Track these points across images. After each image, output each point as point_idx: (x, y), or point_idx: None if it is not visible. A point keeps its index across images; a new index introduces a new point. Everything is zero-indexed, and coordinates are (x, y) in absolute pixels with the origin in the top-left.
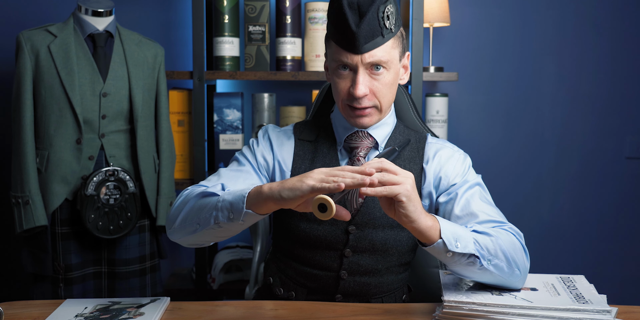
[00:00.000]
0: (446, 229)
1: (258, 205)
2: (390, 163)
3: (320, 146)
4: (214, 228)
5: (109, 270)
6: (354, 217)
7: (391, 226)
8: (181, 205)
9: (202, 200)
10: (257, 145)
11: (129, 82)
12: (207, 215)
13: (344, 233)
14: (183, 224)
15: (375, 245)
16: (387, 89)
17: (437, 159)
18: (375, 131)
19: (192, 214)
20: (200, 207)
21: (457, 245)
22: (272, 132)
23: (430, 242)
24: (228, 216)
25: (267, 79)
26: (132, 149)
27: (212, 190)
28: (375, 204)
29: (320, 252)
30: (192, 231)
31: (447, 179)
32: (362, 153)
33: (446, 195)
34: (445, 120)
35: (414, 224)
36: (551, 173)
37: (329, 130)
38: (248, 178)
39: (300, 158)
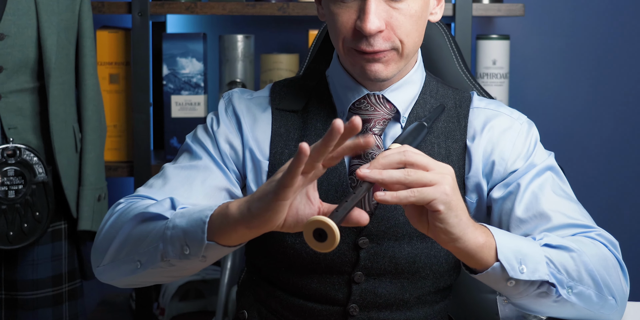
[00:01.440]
0: (505, 246)
1: (225, 233)
2: (418, 152)
3: (312, 119)
4: (163, 266)
5: (7, 296)
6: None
7: (422, 236)
8: (111, 230)
9: (142, 227)
10: (218, 126)
11: (37, 19)
12: (150, 249)
13: (353, 248)
14: (116, 260)
15: (400, 265)
16: (412, 23)
17: (489, 132)
18: (395, 94)
19: (129, 246)
20: (140, 237)
21: (522, 270)
22: (238, 102)
23: (483, 268)
24: (181, 250)
25: (242, 13)
26: (41, 118)
27: (157, 209)
28: (397, 207)
29: (319, 277)
30: (130, 271)
31: (504, 162)
32: (377, 129)
33: (503, 188)
34: (505, 74)
35: (457, 243)
36: None
37: (325, 95)
38: (208, 178)
39: (282, 138)
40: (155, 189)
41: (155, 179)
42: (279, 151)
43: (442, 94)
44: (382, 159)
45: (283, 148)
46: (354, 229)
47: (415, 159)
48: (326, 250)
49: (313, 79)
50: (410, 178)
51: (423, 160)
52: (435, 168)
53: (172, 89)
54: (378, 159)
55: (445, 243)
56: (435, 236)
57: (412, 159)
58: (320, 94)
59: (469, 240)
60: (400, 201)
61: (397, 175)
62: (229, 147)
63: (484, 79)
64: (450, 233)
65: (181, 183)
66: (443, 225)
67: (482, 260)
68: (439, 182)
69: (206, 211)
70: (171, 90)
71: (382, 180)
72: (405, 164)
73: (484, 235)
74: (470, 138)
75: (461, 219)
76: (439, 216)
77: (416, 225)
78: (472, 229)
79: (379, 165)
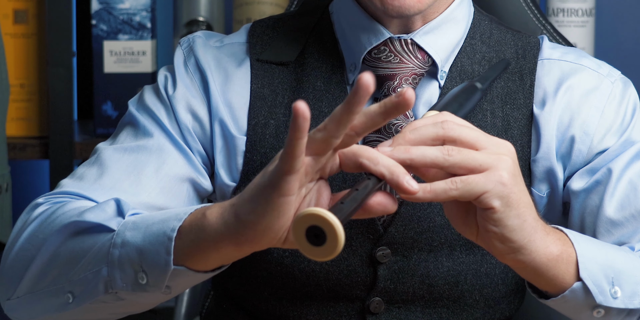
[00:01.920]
0: (590, 259)
1: (200, 252)
2: (463, 123)
3: (309, 75)
4: (107, 301)
5: None
6: (388, 227)
7: (468, 245)
8: (28, 247)
9: (76, 243)
10: (174, 87)
11: None
12: (88, 275)
13: (368, 263)
14: (36, 290)
15: (436, 288)
16: None
17: (566, 94)
18: (430, 38)
19: (56, 270)
20: (73, 258)
21: (614, 293)
22: (203, 52)
23: (557, 290)
24: (135, 279)
25: None
26: None
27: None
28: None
29: (319, 305)
30: (57, 307)
31: (589, 139)
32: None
33: (587, 176)
34: (589, 10)
35: (520, 255)
36: None
37: (328, 40)
38: (164, 165)
39: (266, 103)
40: (88, 182)
41: (88, 166)
42: (262, 122)
43: (498, 39)
44: (410, 133)
45: (267, 117)
46: (369, 236)
47: (458, 133)
48: (324, 257)
49: (311, 16)
50: (451, 159)
51: (470, 135)
52: (488, 146)
53: (104, 31)
54: (404, 132)
55: (503, 255)
56: (488, 245)
57: (455, 132)
58: (320, 39)
59: (537, 251)
60: (437, 197)
61: (432, 153)
62: (192, 117)
63: (558, 17)
64: (510, 240)
65: (125, 173)
66: (499, 229)
67: (557, 279)
68: (492, 166)
69: (171, 222)
70: (104, 33)
71: (411, 161)
72: (444, 139)
73: (559, 244)
74: (538, 103)
75: (525, 219)
76: (493, 216)
77: (460, 229)
78: (541, 235)
79: (405, 141)
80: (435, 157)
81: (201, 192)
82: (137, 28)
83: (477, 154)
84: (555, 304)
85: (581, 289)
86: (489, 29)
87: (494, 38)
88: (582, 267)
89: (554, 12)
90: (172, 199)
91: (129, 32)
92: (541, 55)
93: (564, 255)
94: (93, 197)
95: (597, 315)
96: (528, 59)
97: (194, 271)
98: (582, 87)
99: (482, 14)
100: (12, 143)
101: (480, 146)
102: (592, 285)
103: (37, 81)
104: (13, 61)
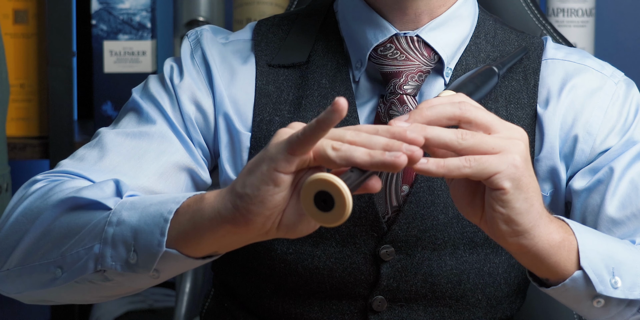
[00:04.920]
0: (591, 248)
1: (195, 236)
2: (479, 106)
3: (314, 73)
4: (95, 280)
5: None
6: (391, 225)
7: (471, 244)
8: (22, 220)
9: (71, 218)
10: (180, 77)
11: None
12: (80, 251)
13: (372, 262)
14: (26, 263)
15: (439, 286)
16: None
17: (569, 94)
18: (437, 35)
19: (48, 244)
20: (67, 233)
21: (614, 283)
22: (210, 46)
23: (558, 278)
24: (125, 258)
25: None
26: None
27: (94, 194)
28: (439, 197)
29: (321, 303)
30: (45, 282)
31: (591, 138)
32: (410, 87)
33: (589, 175)
34: (589, 10)
35: (524, 239)
36: None
37: (333, 38)
38: (165, 152)
39: (271, 100)
40: (88, 164)
41: (89, 148)
42: (266, 119)
43: (503, 39)
44: (427, 110)
45: (272, 114)
46: (373, 234)
47: (475, 115)
48: (332, 223)
49: (317, 16)
50: (465, 143)
51: (486, 118)
52: (502, 130)
53: (104, 31)
54: (422, 108)
55: (506, 237)
56: (492, 227)
57: (471, 114)
58: (326, 38)
59: (540, 236)
60: (450, 173)
61: (447, 136)
62: (196, 109)
63: (558, 17)
64: (516, 222)
65: (126, 157)
66: (506, 210)
67: (558, 266)
68: (505, 149)
69: (169, 204)
70: (104, 33)
71: (426, 141)
72: (459, 120)
73: (562, 231)
74: (542, 103)
75: (532, 204)
76: (502, 197)
77: (465, 211)
78: (545, 221)
79: (421, 117)
80: (450, 139)
81: (199, 184)
82: (137, 28)
83: (490, 138)
84: (555, 292)
85: (582, 278)
86: (494, 29)
87: (498, 38)
88: (583, 255)
89: (554, 12)
90: (170, 186)
91: (129, 32)
92: (545, 55)
93: (566, 243)
94: (92, 178)
95: (597, 305)
96: (532, 59)
97: (185, 256)
98: (586, 87)
99: (486, 14)
100: (12, 143)
101: (494, 130)
102: (593, 275)
103: (37, 81)
104: (13, 61)
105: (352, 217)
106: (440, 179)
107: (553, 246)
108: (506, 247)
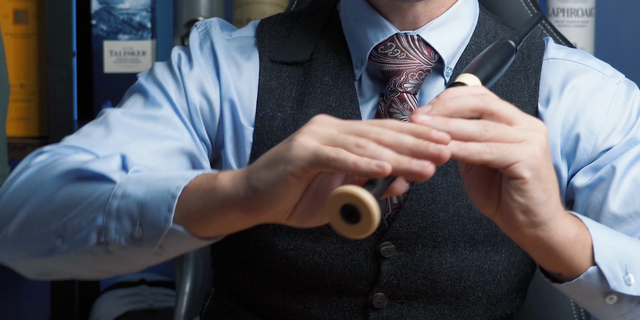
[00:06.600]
0: (604, 244)
1: (204, 216)
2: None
3: (317, 70)
4: (96, 253)
5: None
6: (392, 222)
7: (471, 242)
8: (24, 188)
9: (75, 188)
10: (190, 66)
11: None
12: (82, 222)
13: (372, 258)
14: (25, 230)
15: (439, 284)
16: None
17: (571, 93)
18: (437, 34)
19: (50, 213)
20: (70, 203)
21: (627, 280)
22: (218, 39)
23: (572, 273)
24: (130, 232)
25: None
26: None
27: (100, 167)
28: (439, 194)
29: (321, 299)
30: (44, 251)
31: (593, 137)
32: (410, 85)
33: (591, 173)
34: (589, 10)
35: (541, 231)
36: None
37: (336, 37)
38: (170, 136)
39: (274, 96)
40: (95, 140)
41: (94, 125)
42: (269, 114)
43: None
44: (450, 101)
45: (275, 110)
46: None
47: (497, 107)
48: (360, 235)
49: (321, 15)
50: (488, 134)
51: (508, 110)
52: (523, 122)
53: (104, 31)
54: (444, 99)
55: (523, 229)
56: (509, 218)
57: (494, 106)
58: (330, 37)
59: (557, 229)
60: (470, 156)
61: (470, 128)
62: (202, 99)
63: (558, 17)
64: (534, 213)
65: (131, 136)
66: (525, 200)
67: (572, 261)
68: (527, 139)
69: (178, 181)
70: (104, 33)
71: (449, 133)
72: (482, 112)
73: (576, 226)
74: (543, 101)
75: (550, 195)
76: (521, 186)
77: (479, 202)
78: (562, 214)
79: (444, 108)
80: (473, 131)
81: None
82: (137, 28)
83: (512, 129)
84: (569, 288)
85: (596, 274)
86: (494, 29)
87: (499, 37)
88: (597, 251)
89: (554, 12)
90: (173, 168)
91: (129, 32)
92: (546, 55)
93: (580, 238)
94: (98, 153)
95: (610, 302)
96: (533, 59)
97: (191, 234)
98: (588, 86)
99: (487, 14)
100: (12, 143)
101: (515, 122)
102: (607, 271)
103: (37, 81)
104: (13, 61)
105: None
106: (441, 177)
107: (569, 240)
108: (522, 239)
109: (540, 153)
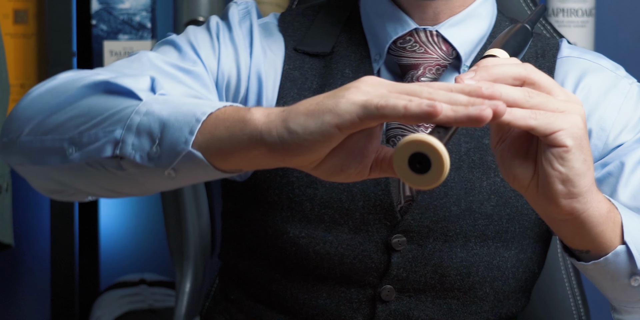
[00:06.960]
0: (633, 225)
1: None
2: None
3: (338, 63)
4: (108, 167)
5: None
6: (404, 214)
7: (481, 237)
8: (48, 95)
9: (100, 100)
10: (230, 35)
11: None
12: (100, 132)
13: (383, 250)
14: (40, 132)
15: (448, 278)
16: None
17: (584, 90)
18: (455, 31)
19: (69, 119)
20: (92, 112)
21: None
22: (255, 22)
23: (601, 251)
24: (148, 151)
25: None
26: None
27: (129, 83)
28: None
29: (330, 290)
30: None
31: (605, 134)
32: (428, 79)
33: (600, 168)
34: (589, 10)
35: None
36: None
37: (356, 31)
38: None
39: (295, 85)
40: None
41: (126, 62)
42: (289, 102)
43: None
44: (494, 68)
45: (295, 98)
46: (386, 222)
47: (539, 77)
48: (429, 186)
49: (343, 9)
50: (532, 101)
51: (549, 82)
52: (561, 94)
53: (104, 31)
54: (487, 66)
55: (559, 199)
56: (547, 188)
57: (536, 76)
58: (351, 30)
59: (592, 202)
60: (515, 121)
61: (515, 93)
62: (234, 69)
63: (558, 17)
64: (573, 183)
65: (163, 76)
66: (566, 169)
67: (603, 237)
68: (568, 109)
69: (205, 107)
70: (104, 33)
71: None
72: (524, 81)
73: (609, 203)
74: None
75: (589, 167)
76: (563, 155)
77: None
78: (596, 189)
79: (488, 74)
80: (518, 97)
81: None
82: (137, 28)
83: (554, 99)
84: (595, 267)
85: (624, 253)
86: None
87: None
88: (627, 231)
89: (554, 12)
90: None
91: (129, 32)
92: (560, 54)
93: (612, 215)
94: None
95: (634, 284)
96: (547, 58)
97: (208, 162)
98: (600, 84)
99: (503, 15)
100: None
101: (555, 93)
102: (636, 251)
103: (37, 81)
104: (13, 61)
105: (367, 204)
106: (454, 171)
107: (602, 215)
108: (556, 211)
109: (582, 124)
